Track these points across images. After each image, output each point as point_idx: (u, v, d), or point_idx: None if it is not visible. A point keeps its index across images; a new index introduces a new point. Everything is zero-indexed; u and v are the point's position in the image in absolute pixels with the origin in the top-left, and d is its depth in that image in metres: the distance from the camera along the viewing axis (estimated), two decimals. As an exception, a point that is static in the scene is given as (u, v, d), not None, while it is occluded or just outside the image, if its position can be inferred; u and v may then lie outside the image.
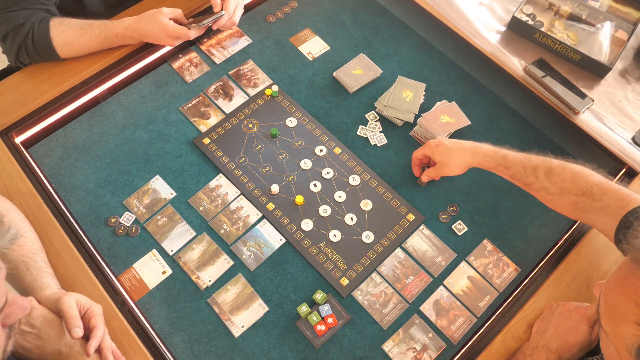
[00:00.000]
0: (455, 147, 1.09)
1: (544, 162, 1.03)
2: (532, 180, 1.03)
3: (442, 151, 1.09)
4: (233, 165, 1.20)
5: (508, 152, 1.06)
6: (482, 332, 1.04)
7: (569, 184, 0.99)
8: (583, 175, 0.99)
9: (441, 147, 1.10)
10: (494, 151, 1.07)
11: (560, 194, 1.00)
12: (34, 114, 1.23)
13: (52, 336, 0.87)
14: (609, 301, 0.70)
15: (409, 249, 1.12)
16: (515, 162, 1.04)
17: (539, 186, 1.02)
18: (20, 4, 1.20)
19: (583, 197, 0.97)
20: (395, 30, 1.43)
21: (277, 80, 1.33)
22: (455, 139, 1.14)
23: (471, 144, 1.09)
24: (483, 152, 1.07)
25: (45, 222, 1.09)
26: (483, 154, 1.07)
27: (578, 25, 1.42)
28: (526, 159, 1.04)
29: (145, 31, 1.23)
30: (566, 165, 1.01)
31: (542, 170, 1.01)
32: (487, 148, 1.08)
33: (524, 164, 1.03)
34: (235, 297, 1.06)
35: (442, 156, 1.09)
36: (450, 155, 1.09)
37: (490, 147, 1.08)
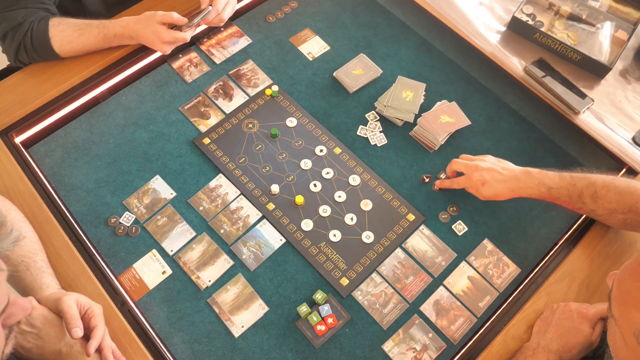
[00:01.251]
0: (500, 186, 1.07)
1: (588, 185, 1.03)
2: (579, 205, 1.05)
3: (488, 189, 1.08)
4: (233, 165, 1.20)
5: (551, 182, 1.05)
6: (482, 332, 1.04)
7: (614, 204, 1.01)
8: (628, 192, 1.00)
9: (486, 185, 1.08)
10: (537, 185, 1.06)
11: (608, 215, 1.03)
12: (34, 114, 1.23)
13: (52, 336, 0.87)
14: (623, 287, 0.72)
15: (409, 249, 1.12)
16: (561, 193, 1.05)
17: (588, 210, 1.05)
18: (20, 3, 1.20)
19: (630, 214, 1.00)
20: (395, 30, 1.43)
21: (277, 80, 1.33)
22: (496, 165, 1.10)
23: (515, 181, 1.07)
24: (528, 189, 1.06)
25: (45, 222, 1.09)
26: (529, 190, 1.06)
27: (578, 25, 1.42)
28: (570, 186, 1.04)
29: (142, 34, 1.23)
30: (611, 185, 1.02)
31: (588, 194, 1.03)
32: (531, 184, 1.06)
33: (569, 192, 1.04)
34: (235, 297, 1.06)
35: (488, 193, 1.09)
36: (496, 193, 1.08)
37: (534, 179, 1.06)
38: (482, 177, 1.08)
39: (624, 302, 0.71)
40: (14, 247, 0.65)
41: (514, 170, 1.09)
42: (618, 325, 0.72)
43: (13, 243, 0.65)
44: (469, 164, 1.12)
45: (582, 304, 0.99)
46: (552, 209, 1.19)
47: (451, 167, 1.15)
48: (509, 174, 1.08)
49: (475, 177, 1.09)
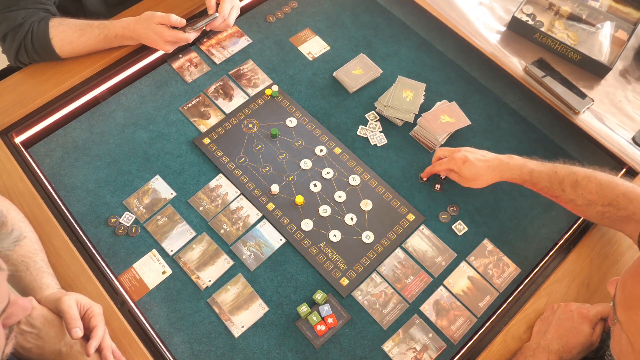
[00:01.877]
0: (482, 165, 1.08)
1: (569, 174, 1.04)
2: (559, 193, 1.05)
3: (469, 167, 1.08)
4: (233, 165, 1.20)
5: (534, 166, 1.06)
6: (482, 332, 1.04)
7: (595, 195, 1.01)
8: (609, 186, 1.00)
9: (468, 163, 1.09)
10: (520, 167, 1.07)
11: (587, 206, 1.03)
12: (34, 114, 1.23)
13: (52, 336, 0.87)
14: (626, 290, 0.71)
15: (409, 249, 1.12)
16: (542, 177, 1.05)
17: (566, 198, 1.04)
18: (20, 4, 1.20)
19: (609, 207, 1.00)
20: (395, 30, 1.43)
21: (277, 80, 1.33)
22: (478, 151, 1.12)
23: (497, 161, 1.09)
24: (510, 170, 1.07)
25: (45, 222, 1.09)
26: (510, 172, 1.07)
27: (578, 25, 1.42)
28: (552, 172, 1.05)
29: (143, 34, 1.23)
30: (592, 176, 1.02)
31: (568, 183, 1.03)
32: (514, 164, 1.07)
33: (550, 178, 1.04)
34: (235, 297, 1.06)
35: (469, 172, 1.09)
36: (477, 172, 1.08)
37: (517, 161, 1.08)
38: (464, 156, 1.10)
39: (629, 306, 0.70)
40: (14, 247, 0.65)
41: (495, 154, 1.11)
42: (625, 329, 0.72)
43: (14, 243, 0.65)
44: (452, 148, 1.14)
45: (582, 305, 0.99)
46: (552, 209, 1.19)
47: (436, 154, 1.16)
48: (492, 156, 1.10)
49: (458, 156, 1.10)
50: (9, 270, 0.67)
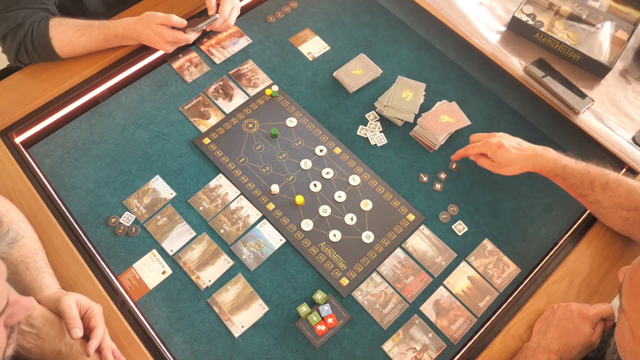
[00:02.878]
0: (517, 152, 1.07)
1: (602, 175, 1.05)
2: (587, 192, 1.05)
3: (503, 153, 1.08)
4: (233, 165, 1.20)
5: (568, 162, 1.06)
6: (482, 332, 1.04)
7: (623, 199, 1.02)
8: (639, 191, 1.01)
9: (502, 149, 1.08)
10: (554, 160, 1.07)
11: (613, 208, 1.04)
12: (34, 114, 1.23)
13: (52, 336, 0.87)
14: (634, 279, 0.73)
15: (409, 249, 1.12)
16: (574, 174, 1.06)
17: (593, 199, 1.05)
18: (20, 4, 1.20)
19: (634, 212, 1.01)
20: (395, 30, 1.43)
21: (277, 80, 1.33)
22: (514, 139, 1.11)
23: (532, 150, 1.08)
24: (544, 161, 1.07)
25: (45, 222, 1.09)
26: (544, 163, 1.07)
27: (578, 25, 1.42)
28: (585, 171, 1.05)
29: (143, 34, 1.23)
30: (623, 181, 1.03)
31: (599, 183, 1.04)
32: (549, 156, 1.07)
33: (582, 176, 1.05)
34: (235, 297, 1.06)
35: (503, 159, 1.08)
36: (510, 159, 1.07)
37: (552, 154, 1.08)
38: (499, 141, 1.09)
39: (634, 294, 0.72)
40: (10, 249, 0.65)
41: (531, 145, 1.10)
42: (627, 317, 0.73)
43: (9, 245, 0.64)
44: (487, 134, 1.14)
45: (582, 305, 0.99)
46: (552, 209, 1.19)
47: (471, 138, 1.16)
48: (527, 145, 1.10)
49: (493, 141, 1.09)
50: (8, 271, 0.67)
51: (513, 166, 1.08)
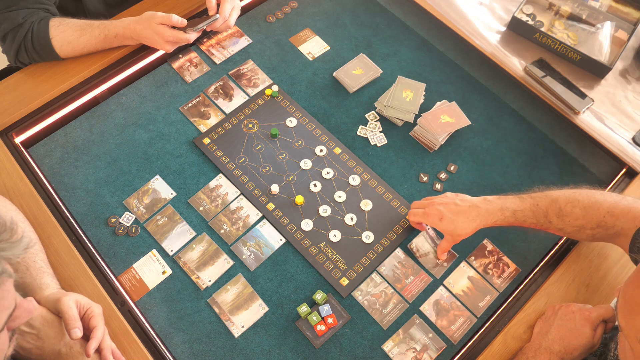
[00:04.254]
0: (460, 218, 1.02)
1: (551, 203, 1.01)
2: (547, 225, 1.03)
3: (447, 224, 1.03)
4: (233, 165, 1.20)
5: (515, 205, 1.02)
6: (482, 332, 1.04)
7: (582, 220, 0.99)
8: (593, 207, 0.98)
9: (445, 220, 1.03)
10: (500, 210, 1.02)
11: (577, 232, 1.01)
12: (34, 114, 1.23)
13: (51, 336, 0.87)
14: (627, 296, 0.72)
15: (413, 249, 1.12)
16: (526, 214, 1.02)
17: (555, 228, 1.02)
18: (20, 4, 1.20)
19: (598, 229, 0.99)
20: (395, 30, 1.43)
21: (277, 80, 1.33)
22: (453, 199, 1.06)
23: (475, 210, 1.03)
24: (491, 215, 1.02)
25: (45, 222, 1.09)
26: (492, 217, 1.02)
27: (578, 25, 1.42)
28: (534, 206, 1.01)
29: (143, 34, 1.23)
30: (574, 201, 0.99)
31: (553, 213, 1.01)
32: (493, 209, 1.02)
33: (534, 212, 1.01)
34: (235, 297, 1.06)
35: (449, 229, 1.04)
36: (455, 226, 1.03)
37: (495, 204, 1.02)
38: (438, 211, 1.04)
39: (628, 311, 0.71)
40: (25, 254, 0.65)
41: (471, 200, 1.05)
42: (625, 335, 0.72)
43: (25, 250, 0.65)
44: (424, 202, 1.10)
45: (584, 306, 0.99)
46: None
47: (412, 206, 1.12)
48: (467, 204, 1.04)
49: (432, 212, 1.05)
50: None
51: (462, 231, 1.03)
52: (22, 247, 0.65)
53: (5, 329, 0.67)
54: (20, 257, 0.65)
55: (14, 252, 0.64)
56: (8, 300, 0.65)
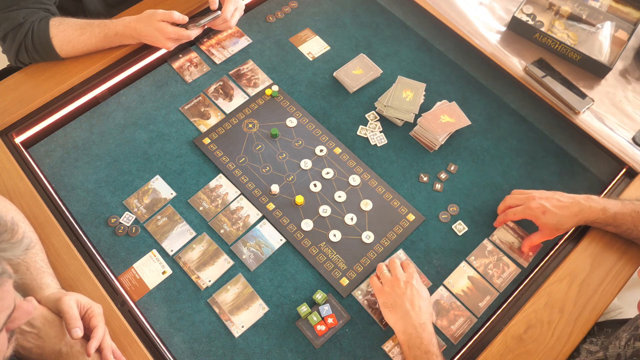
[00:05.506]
0: (564, 213, 1.05)
1: None
2: None
3: (550, 217, 1.05)
4: (233, 165, 1.20)
5: (616, 208, 1.04)
6: (482, 332, 1.04)
7: None
8: None
9: (548, 214, 1.05)
10: (602, 210, 1.04)
11: None
12: (34, 114, 1.23)
13: (52, 336, 0.87)
14: None
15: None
16: (625, 219, 1.03)
17: None
18: (20, 4, 1.20)
19: None
20: (395, 30, 1.43)
21: (277, 80, 1.33)
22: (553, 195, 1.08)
23: (578, 206, 1.05)
24: (592, 214, 1.05)
25: (45, 222, 1.09)
26: (593, 217, 1.05)
27: (578, 25, 1.42)
28: (634, 212, 1.02)
29: (144, 32, 1.23)
30: None
31: None
32: (596, 208, 1.04)
33: (633, 218, 1.02)
34: (235, 297, 1.06)
35: (551, 223, 1.06)
36: (559, 221, 1.05)
37: (598, 204, 1.05)
38: (541, 205, 1.06)
39: None
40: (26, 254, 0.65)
41: (573, 196, 1.07)
42: None
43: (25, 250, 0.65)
44: (523, 196, 1.10)
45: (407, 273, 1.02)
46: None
47: (505, 202, 1.13)
48: (569, 199, 1.06)
49: (535, 206, 1.07)
50: None
51: (563, 226, 1.06)
52: (22, 247, 0.65)
53: (4, 330, 0.67)
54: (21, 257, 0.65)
55: (15, 253, 0.64)
56: (7, 301, 0.65)
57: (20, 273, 0.94)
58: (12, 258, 0.64)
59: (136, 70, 1.33)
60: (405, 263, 1.06)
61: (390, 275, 1.02)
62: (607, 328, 0.97)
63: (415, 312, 0.97)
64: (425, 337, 0.94)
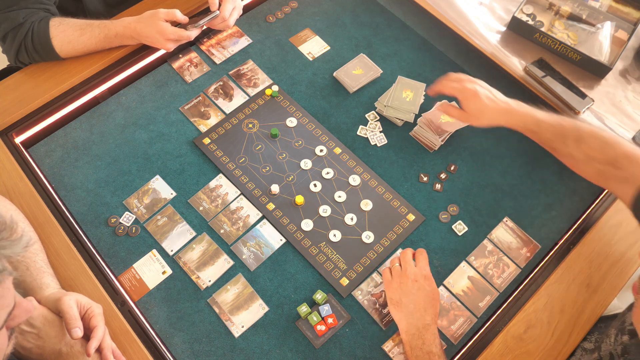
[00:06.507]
0: (490, 104, 1.06)
1: (575, 128, 1.02)
2: (559, 146, 1.03)
3: (476, 103, 1.07)
4: (233, 165, 1.20)
5: (542, 116, 1.04)
6: (482, 332, 1.04)
7: (596, 152, 0.99)
8: (612, 144, 0.98)
9: (476, 99, 1.06)
10: (527, 115, 1.05)
11: (585, 161, 1.00)
12: (34, 114, 1.23)
13: (52, 336, 0.87)
14: None
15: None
16: (547, 129, 1.03)
17: (565, 152, 1.02)
18: (20, 4, 1.20)
19: (608, 166, 0.97)
20: (395, 30, 1.43)
21: (277, 80, 1.33)
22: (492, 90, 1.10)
23: (506, 105, 1.07)
24: (517, 117, 1.06)
25: (45, 222, 1.09)
26: (517, 119, 1.06)
27: (578, 25, 1.42)
28: (557, 124, 1.03)
29: (144, 32, 1.23)
30: (597, 134, 1.00)
31: (572, 136, 1.01)
32: (522, 112, 1.06)
33: (555, 129, 1.03)
34: (235, 297, 1.06)
35: (475, 109, 1.07)
36: (482, 110, 1.07)
37: (525, 109, 1.06)
38: (475, 90, 1.08)
39: None
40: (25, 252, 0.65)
41: (505, 98, 1.09)
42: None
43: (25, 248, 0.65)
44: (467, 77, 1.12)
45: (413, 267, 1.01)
46: (552, 209, 1.18)
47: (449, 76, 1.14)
48: (502, 98, 1.08)
49: (469, 87, 1.09)
50: None
51: (484, 118, 1.07)
52: (22, 245, 0.65)
53: (4, 328, 0.67)
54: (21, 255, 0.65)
55: (15, 250, 0.64)
56: (8, 299, 0.65)
57: (20, 272, 0.94)
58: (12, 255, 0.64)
59: (136, 70, 1.33)
60: (418, 252, 1.05)
61: (400, 269, 1.02)
62: (599, 323, 0.97)
63: (420, 313, 0.97)
64: (428, 338, 0.94)
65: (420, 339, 0.94)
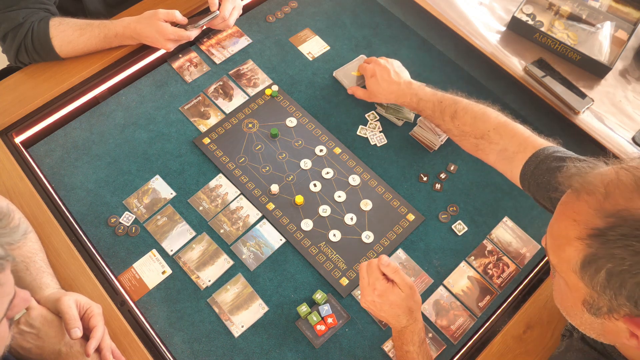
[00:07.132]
0: (384, 86, 1.19)
1: (452, 104, 1.09)
2: (439, 122, 1.11)
3: (372, 83, 1.21)
4: (233, 165, 1.20)
5: (424, 95, 1.13)
6: (482, 332, 1.04)
7: (468, 127, 1.05)
8: (482, 118, 1.04)
9: (373, 80, 1.21)
10: (411, 95, 1.15)
11: (461, 136, 1.07)
12: (34, 114, 1.23)
13: (51, 336, 0.87)
14: (553, 233, 0.70)
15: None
16: (427, 105, 1.12)
17: (445, 128, 1.11)
18: (20, 4, 1.20)
19: (481, 140, 1.03)
20: (395, 30, 1.43)
21: (277, 80, 1.33)
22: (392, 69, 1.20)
23: (396, 86, 1.17)
24: (403, 96, 1.17)
25: (45, 222, 1.09)
26: (403, 98, 1.17)
27: (578, 25, 1.42)
28: (437, 102, 1.10)
29: (144, 32, 1.23)
30: (468, 108, 1.06)
31: (449, 113, 1.08)
32: (408, 92, 1.16)
33: (434, 107, 1.11)
34: (235, 297, 1.06)
35: (371, 88, 1.22)
36: (376, 90, 1.21)
37: (412, 88, 1.16)
38: (373, 70, 1.21)
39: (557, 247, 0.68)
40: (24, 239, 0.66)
41: (401, 78, 1.19)
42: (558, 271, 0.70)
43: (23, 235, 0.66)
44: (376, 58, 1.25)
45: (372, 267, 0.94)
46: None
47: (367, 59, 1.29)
48: (396, 78, 1.19)
49: (370, 67, 1.23)
50: None
51: (377, 97, 1.22)
52: (20, 233, 0.65)
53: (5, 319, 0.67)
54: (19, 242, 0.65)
55: (14, 238, 0.64)
56: (8, 287, 0.66)
57: (19, 273, 0.94)
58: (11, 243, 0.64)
59: (136, 70, 1.33)
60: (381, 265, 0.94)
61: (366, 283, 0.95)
62: None
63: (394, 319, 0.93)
64: (407, 338, 0.93)
65: (400, 340, 0.94)
